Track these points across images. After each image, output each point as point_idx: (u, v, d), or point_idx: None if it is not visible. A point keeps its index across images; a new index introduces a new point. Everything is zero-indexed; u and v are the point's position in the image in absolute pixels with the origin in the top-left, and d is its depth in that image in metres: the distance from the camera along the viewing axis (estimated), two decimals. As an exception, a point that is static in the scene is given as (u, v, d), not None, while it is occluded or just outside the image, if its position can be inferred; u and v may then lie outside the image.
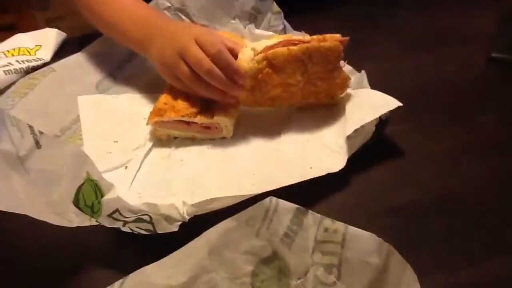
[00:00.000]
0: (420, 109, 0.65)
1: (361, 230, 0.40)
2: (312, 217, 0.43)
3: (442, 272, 0.46)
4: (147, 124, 0.62)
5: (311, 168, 0.55)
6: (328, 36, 0.60)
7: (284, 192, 0.49)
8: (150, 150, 0.62)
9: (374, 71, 0.65)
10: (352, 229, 0.41)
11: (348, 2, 0.86)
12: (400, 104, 0.57)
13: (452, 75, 0.71)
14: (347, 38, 0.60)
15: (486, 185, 0.55)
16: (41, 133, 0.42)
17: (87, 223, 0.48)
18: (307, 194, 0.51)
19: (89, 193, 0.46)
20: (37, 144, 0.42)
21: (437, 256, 0.48)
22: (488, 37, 0.77)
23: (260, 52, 0.59)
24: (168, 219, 0.48)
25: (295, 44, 0.59)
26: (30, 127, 0.42)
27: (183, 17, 0.78)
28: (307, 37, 0.62)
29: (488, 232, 0.50)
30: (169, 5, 0.77)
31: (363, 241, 0.40)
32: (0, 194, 0.42)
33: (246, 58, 0.59)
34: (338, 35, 0.60)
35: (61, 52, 0.81)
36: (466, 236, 0.50)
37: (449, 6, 0.87)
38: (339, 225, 0.41)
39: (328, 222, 0.42)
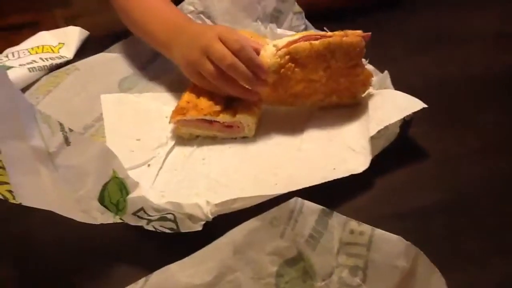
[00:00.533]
0: (439, 109, 0.64)
1: (388, 233, 0.40)
2: (337, 218, 0.42)
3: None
4: (169, 122, 0.62)
5: (334, 169, 0.55)
6: (350, 32, 0.60)
7: (306, 192, 0.49)
8: (172, 148, 0.62)
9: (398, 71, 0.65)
10: (379, 231, 0.40)
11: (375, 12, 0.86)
12: (425, 105, 0.56)
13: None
14: (369, 33, 0.60)
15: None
16: (70, 130, 0.43)
17: (111, 221, 0.49)
18: (327, 194, 0.51)
19: (115, 191, 0.46)
20: (67, 141, 0.42)
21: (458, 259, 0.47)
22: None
23: (282, 47, 0.59)
24: (192, 218, 0.48)
25: (317, 39, 0.59)
26: (61, 124, 0.42)
27: (206, 20, 0.79)
28: (328, 33, 0.61)
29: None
30: (193, 9, 0.78)
31: (391, 244, 0.40)
32: (29, 190, 0.42)
33: (268, 54, 0.59)
34: (360, 31, 0.60)
35: (83, 51, 0.82)
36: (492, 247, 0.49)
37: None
38: (366, 227, 0.41)
39: (353, 224, 0.42)
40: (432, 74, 0.72)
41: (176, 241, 0.49)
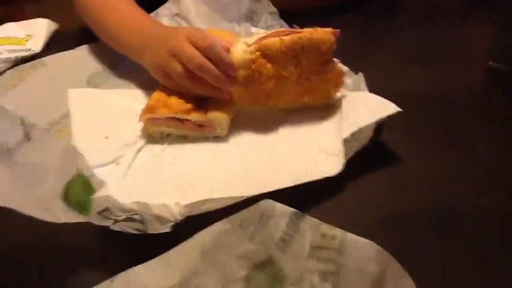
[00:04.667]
0: (417, 118, 0.64)
1: (359, 237, 0.39)
2: (308, 221, 0.42)
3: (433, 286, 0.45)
4: (139, 120, 0.61)
5: (306, 170, 0.54)
6: (319, 29, 0.60)
7: (276, 194, 0.48)
8: (141, 147, 0.60)
9: (371, 81, 0.64)
10: (350, 235, 0.40)
11: (347, 12, 0.86)
12: (399, 109, 0.56)
13: (451, 86, 0.71)
14: (338, 30, 0.60)
15: (484, 203, 0.53)
16: (33, 125, 0.41)
17: (75, 220, 0.47)
18: (300, 196, 0.50)
19: (79, 190, 0.44)
20: (27, 137, 0.40)
21: (427, 269, 0.46)
22: (486, 48, 0.76)
23: (253, 44, 0.59)
24: (160, 219, 0.47)
25: (287, 35, 0.59)
26: (21, 119, 0.40)
27: (182, 21, 0.78)
28: (298, 29, 0.61)
29: (481, 253, 0.48)
30: (168, 12, 0.78)
31: (361, 248, 0.39)
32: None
33: (239, 51, 0.59)
34: (329, 29, 0.60)
35: (52, 45, 0.80)
36: (457, 254, 0.48)
37: (448, 19, 0.88)
38: (337, 231, 0.40)
39: (325, 227, 0.41)
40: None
41: (143, 242, 0.48)
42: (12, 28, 0.81)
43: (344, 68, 0.67)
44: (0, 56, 0.73)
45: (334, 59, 0.62)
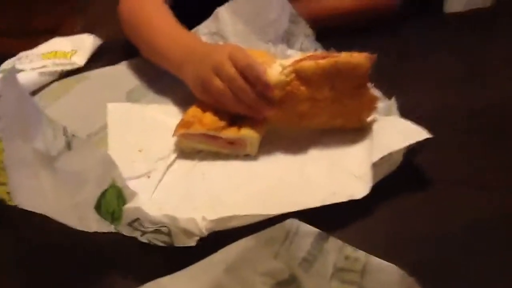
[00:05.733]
0: (450, 141, 0.63)
1: (382, 261, 0.39)
2: (332, 243, 0.42)
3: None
4: (173, 135, 0.62)
5: (334, 193, 0.54)
6: (355, 53, 0.61)
7: (303, 215, 0.48)
8: (173, 161, 0.62)
9: (404, 104, 0.64)
10: (374, 259, 0.40)
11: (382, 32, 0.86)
12: (430, 135, 0.56)
13: (488, 109, 0.69)
14: (375, 55, 0.60)
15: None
16: (73, 135, 0.43)
17: (105, 230, 0.48)
18: (325, 218, 0.50)
19: (112, 200, 0.46)
20: (68, 146, 0.42)
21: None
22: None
23: (288, 66, 0.60)
24: (187, 233, 0.48)
25: (323, 58, 0.60)
26: (64, 128, 0.42)
27: (220, 40, 0.80)
28: (335, 53, 0.62)
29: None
30: (207, 31, 0.80)
31: (385, 272, 0.39)
32: (27, 193, 0.43)
33: (274, 73, 0.60)
34: (365, 53, 0.61)
35: (97, 60, 0.83)
36: (491, 276, 0.48)
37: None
38: (360, 254, 0.40)
39: (349, 249, 0.41)
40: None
41: (170, 254, 0.49)
42: (60, 42, 0.85)
43: (377, 93, 0.67)
44: (46, 69, 0.77)
45: (368, 84, 0.62)
